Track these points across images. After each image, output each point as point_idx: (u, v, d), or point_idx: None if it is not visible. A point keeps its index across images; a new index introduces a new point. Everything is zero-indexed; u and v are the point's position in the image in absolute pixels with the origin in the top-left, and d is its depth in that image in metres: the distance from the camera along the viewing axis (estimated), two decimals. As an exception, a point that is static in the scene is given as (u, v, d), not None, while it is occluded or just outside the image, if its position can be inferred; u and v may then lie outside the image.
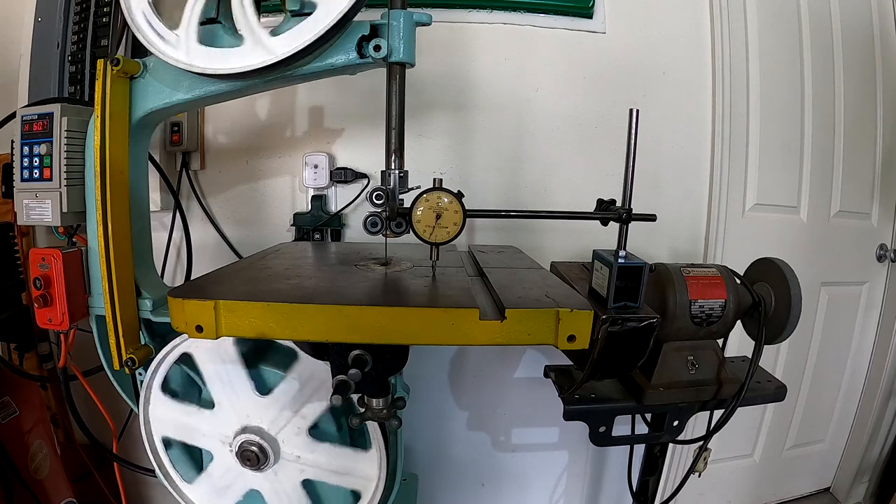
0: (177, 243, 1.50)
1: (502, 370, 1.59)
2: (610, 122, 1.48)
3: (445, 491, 1.68)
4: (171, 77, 0.81)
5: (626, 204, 0.77)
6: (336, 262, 0.96)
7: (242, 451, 0.87)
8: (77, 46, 1.38)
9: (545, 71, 1.46)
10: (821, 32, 1.67)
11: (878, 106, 1.79)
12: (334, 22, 0.68)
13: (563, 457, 1.69)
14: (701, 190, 1.55)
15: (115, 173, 0.81)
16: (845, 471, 2.00)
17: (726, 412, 0.95)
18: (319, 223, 1.43)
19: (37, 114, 0.87)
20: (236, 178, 1.49)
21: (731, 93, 1.50)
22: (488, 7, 1.41)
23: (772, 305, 0.95)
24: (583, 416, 0.96)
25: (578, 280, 0.91)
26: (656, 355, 0.94)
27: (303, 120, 1.47)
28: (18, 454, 1.26)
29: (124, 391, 0.98)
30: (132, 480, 1.56)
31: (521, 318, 0.64)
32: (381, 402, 0.76)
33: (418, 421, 1.59)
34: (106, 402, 1.02)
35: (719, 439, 1.18)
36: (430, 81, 1.41)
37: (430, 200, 0.75)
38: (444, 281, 0.80)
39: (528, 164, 1.48)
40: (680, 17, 1.49)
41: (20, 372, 1.29)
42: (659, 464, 1.16)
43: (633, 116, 0.74)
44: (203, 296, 0.65)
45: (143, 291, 0.89)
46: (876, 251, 1.85)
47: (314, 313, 0.64)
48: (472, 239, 1.49)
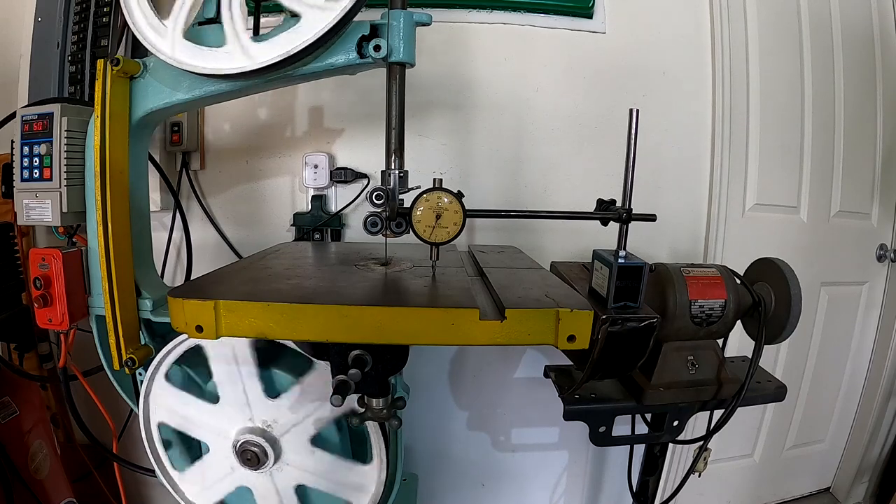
0: (177, 243, 1.50)
1: (502, 370, 1.59)
2: (610, 122, 1.48)
3: (445, 491, 1.68)
4: (171, 77, 0.81)
5: (626, 204, 0.77)
6: (336, 262, 0.96)
7: (243, 451, 0.87)
8: (77, 46, 1.38)
9: (545, 71, 1.46)
10: (821, 32, 1.67)
11: (878, 106, 1.79)
12: (316, 37, 0.68)
13: (563, 457, 1.69)
14: (701, 190, 1.54)
15: (115, 173, 0.81)
16: (845, 471, 2.00)
17: (726, 412, 0.95)
18: (319, 223, 1.43)
19: (37, 114, 0.87)
20: (236, 178, 1.49)
21: (731, 93, 1.50)
22: (488, 7, 1.41)
23: (772, 305, 0.95)
24: (583, 416, 0.96)
25: (578, 280, 0.91)
26: (656, 355, 0.94)
27: (303, 120, 1.47)
28: (18, 454, 1.26)
29: (124, 391, 0.98)
30: (132, 480, 1.56)
31: (521, 318, 0.64)
32: (381, 402, 0.76)
33: (418, 421, 1.59)
34: (106, 402, 1.02)
35: (719, 439, 1.18)
36: (430, 81, 1.41)
37: (430, 200, 0.75)
38: (444, 281, 0.80)
39: (528, 163, 1.48)
40: (680, 18, 1.49)
41: (20, 372, 1.29)
42: (659, 464, 1.16)
43: (633, 116, 0.74)
44: (203, 296, 0.65)
45: (143, 291, 0.89)
46: (876, 251, 1.85)
47: (314, 313, 0.64)
48: (472, 239, 1.49)
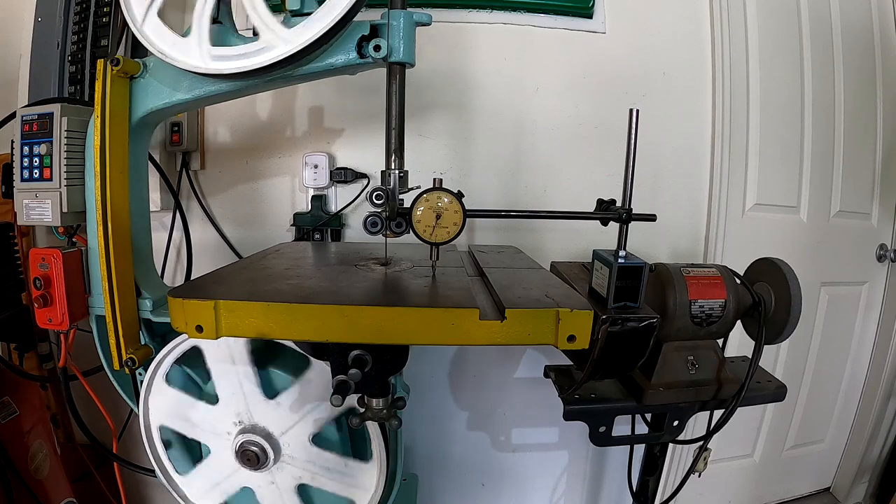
0: (177, 243, 1.50)
1: (502, 370, 1.59)
2: (610, 122, 1.48)
3: (445, 491, 1.68)
4: (171, 77, 0.81)
5: (626, 204, 0.78)
6: (336, 262, 0.96)
7: (243, 451, 0.87)
8: (77, 46, 1.38)
9: (545, 71, 1.45)
10: (821, 32, 1.67)
11: (878, 106, 1.79)
12: (351, 5, 0.68)
13: (563, 457, 1.69)
14: (701, 190, 1.54)
15: (115, 173, 0.81)
16: (845, 471, 2.00)
17: (726, 412, 0.95)
18: (319, 223, 1.43)
19: (37, 114, 0.87)
20: (236, 178, 1.49)
21: (731, 93, 1.50)
22: (488, 7, 1.41)
23: (772, 305, 0.95)
24: (583, 416, 0.96)
25: (578, 280, 0.91)
26: (656, 355, 0.94)
27: (303, 120, 1.46)
28: (18, 454, 1.26)
29: (124, 391, 0.98)
30: (132, 480, 1.56)
31: (521, 318, 0.64)
32: (381, 402, 0.76)
33: (418, 421, 1.59)
34: (106, 402, 1.02)
35: (719, 439, 1.18)
36: (430, 81, 1.41)
37: (430, 200, 0.75)
38: (444, 281, 0.80)
39: (528, 163, 1.48)
40: (680, 18, 1.49)
41: (20, 372, 1.29)
42: (659, 464, 1.16)
43: (633, 116, 0.74)
44: (203, 296, 0.65)
45: (143, 291, 0.89)
46: (876, 251, 1.85)
47: (314, 313, 0.64)
48: (472, 239, 1.49)
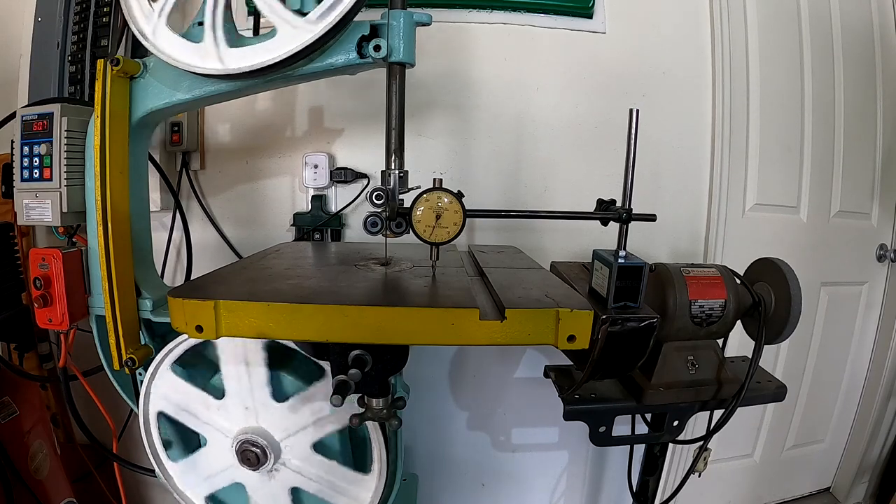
0: (177, 243, 1.50)
1: (502, 370, 1.59)
2: (610, 121, 1.48)
3: (445, 491, 1.68)
4: (171, 77, 0.81)
5: (626, 204, 0.78)
6: (336, 262, 0.96)
7: (243, 451, 0.87)
8: (77, 46, 1.38)
9: (545, 71, 1.45)
10: (821, 32, 1.67)
11: (878, 106, 1.79)
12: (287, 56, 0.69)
13: (563, 457, 1.69)
14: (701, 190, 1.54)
15: (115, 173, 0.81)
16: (845, 471, 2.00)
17: (726, 412, 0.95)
18: (319, 223, 1.43)
19: (37, 114, 0.87)
20: (236, 178, 1.49)
21: (731, 93, 1.50)
22: (488, 7, 1.41)
23: (772, 305, 0.95)
24: (583, 416, 0.96)
25: (578, 280, 0.91)
26: (656, 355, 0.94)
27: (303, 120, 1.46)
28: (18, 454, 1.26)
29: (124, 391, 0.98)
30: (132, 480, 1.56)
31: (521, 318, 0.64)
32: (381, 402, 0.76)
33: (418, 421, 1.59)
34: (106, 402, 1.02)
35: (719, 439, 1.18)
36: (430, 81, 1.41)
37: (430, 200, 0.75)
38: (444, 281, 0.80)
39: (528, 163, 1.48)
40: (680, 18, 1.49)
41: (20, 372, 1.29)
42: (659, 464, 1.16)
43: (633, 116, 0.74)
44: (203, 296, 0.65)
45: (143, 291, 0.89)
46: (876, 251, 1.85)
47: (314, 313, 0.64)
48: (472, 239, 1.49)
